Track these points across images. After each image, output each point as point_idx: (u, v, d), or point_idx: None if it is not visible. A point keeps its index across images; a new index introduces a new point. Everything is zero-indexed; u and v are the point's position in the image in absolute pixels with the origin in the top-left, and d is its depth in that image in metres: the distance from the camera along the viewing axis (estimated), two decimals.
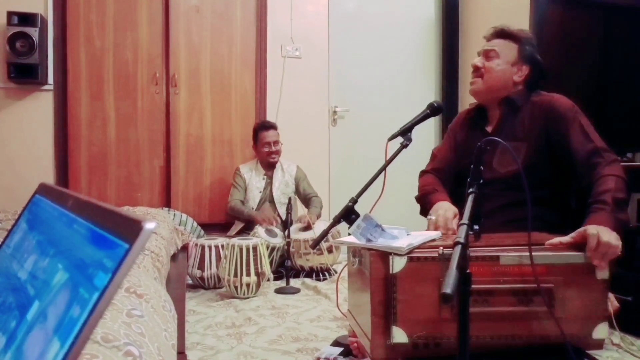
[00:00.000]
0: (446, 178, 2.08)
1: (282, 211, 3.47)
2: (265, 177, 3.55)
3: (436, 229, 1.78)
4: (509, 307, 1.41)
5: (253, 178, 3.52)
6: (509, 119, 1.92)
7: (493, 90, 1.95)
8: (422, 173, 2.17)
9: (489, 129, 1.98)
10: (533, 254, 1.37)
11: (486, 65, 1.94)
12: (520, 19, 2.98)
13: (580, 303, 1.44)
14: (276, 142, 3.49)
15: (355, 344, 1.66)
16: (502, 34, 1.97)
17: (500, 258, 1.42)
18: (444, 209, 1.83)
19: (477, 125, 2.04)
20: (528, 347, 1.44)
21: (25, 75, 3.21)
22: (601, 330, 1.45)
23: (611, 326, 1.78)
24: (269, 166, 3.55)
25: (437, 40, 4.32)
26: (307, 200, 3.56)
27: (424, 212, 2.05)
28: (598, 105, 2.47)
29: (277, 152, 3.51)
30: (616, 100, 2.41)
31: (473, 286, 1.20)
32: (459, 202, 1.94)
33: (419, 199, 2.10)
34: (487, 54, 1.96)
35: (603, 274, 1.44)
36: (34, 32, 3.14)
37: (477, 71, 1.96)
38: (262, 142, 3.47)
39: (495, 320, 1.41)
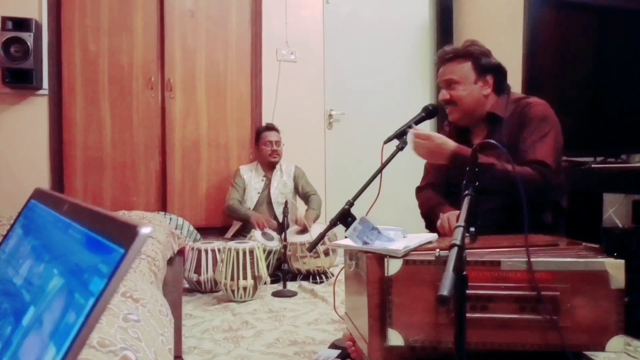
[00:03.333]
0: (442, 191, 2.08)
1: (279, 212, 3.47)
2: (264, 178, 3.56)
3: (445, 229, 1.79)
4: (510, 314, 1.35)
5: (253, 179, 3.53)
6: (494, 133, 1.92)
7: (470, 113, 1.95)
8: (419, 189, 2.16)
9: (475, 142, 1.98)
10: (538, 259, 1.34)
11: (452, 94, 1.93)
12: (514, 23, 3.00)
13: (591, 313, 1.34)
14: (277, 143, 3.53)
15: (353, 347, 1.66)
16: (451, 58, 1.94)
17: (501, 263, 1.37)
18: (455, 214, 1.84)
19: (462, 138, 2.04)
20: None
21: (20, 80, 3.20)
22: (616, 344, 1.34)
23: None
24: (270, 167, 3.56)
25: (432, 43, 4.34)
26: (306, 199, 3.57)
27: (431, 225, 2.05)
28: (592, 107, 2.48)
29: (278, 152, 3.53)
30: (610, 102, 2.43)
31: (472, 292, 1.20)
32: None
33: (424, 214, 2.10)
34: (448, 84, 1.95)
35: (618, 282, 1.34)
36: (28, 37, 3.14)
37: (449, 103, 1.96)
38: (264, 140, 3.51)
39: (495, 328, 1.36)
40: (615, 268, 1.34)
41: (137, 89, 3.54)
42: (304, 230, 3.26)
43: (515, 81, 2.16)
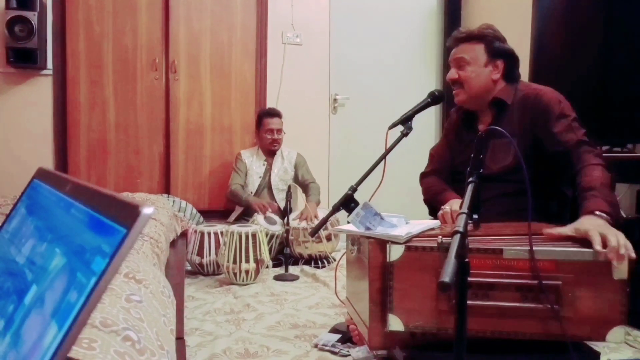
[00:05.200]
0: (446, 178, 2.06)
1: (280, 198, 3.48)
2: (265, 163, 3.55)
3: (445, 219, 1.78)
4: (512, 302, 1.35)
5: (254, 163, 3.53)
6: (500, 119, 1.91)
7: (477, 96, 1.92)
8: (423, 175, 2.15)
9: (480, 127, 1.97)
10: (541, 248, 1.34)
11: (461, 75, 1.91)
12: (523, 10, 2.97)
13: (593, 303, 1.34)
14: (279, 131, 3.50)
15: (356, 331, 1.67)
16: (464, 38, 1.92)
17: (504, 251, 1.36)
18: (458, 203, 1.82)
19: (468, 125, 2.03)
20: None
21: (24, 59, 3.18)
22: (616, 334, 1.34)
23: None
24: (270, 153, 3.56)
25: (439, 28, 4.29)
26: (304, 187, 3.57)
27: (434, 212, 2.05)
28: (599, 96, 2.46)
29: (278, 141, 3.51)
30: (616, 92, 2.40)
31: (474, 279, 1.19)
32: None
33: (427, 201, 2.09)
34: (458, 64, 1.92)
35: (621, 273, 1.33)
36: (32, 17, 3.12)
37: (455, 83, 1.94)
38: (265, 128, 3.48)
39: (496, 316, 1.36)
40: None
41: (141, 70, 3.53)
42: (307, 220, 3.25)
43: (522, 68, 2.13)
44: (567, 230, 1.46)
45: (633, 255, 1.33)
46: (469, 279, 1.06)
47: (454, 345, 1.05)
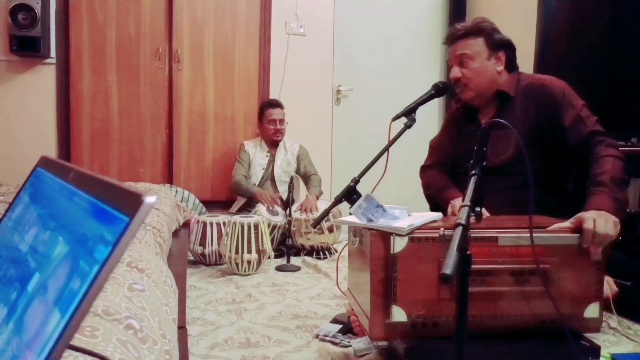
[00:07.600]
0: (447, 171, 2.05)
1: (283, 190, 3.48)
2: (268, 154, 3.55)
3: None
4: (506, 287, 1.43)
5: (257, 155, 3.53)
6: (503, 111, 1.89)
7: (484, 90, 1.91)
8: (424, 168, 2.14)
9: (483, 121, 1.95)
10: (534, 235, 1.37)
11: (465, 72, 1.89)
12: (529, 2, 2.94)
13: (574, 284, 1.46)
14: (282, 121, 3.49)
15: (357, 322, 1.68)
16: (463, 35, 1.90)
17: (499, 239, 1.43)
18: None
19: (470, 118, 2.01)
20: (526, 329, 1.45)
21: (28, 48, 3.17)
22: (592, 310, 1.47)
23: (609, 310, 1.79)
24: (273, 144, 3.55)
25: (444, 19, 4.26)
26: (306, 178, 3.57)
27: (436, 208, 2.03)
28: (605, 89, 2.45)
29: (281, 132, 3.51)
30: (623, 85, 2.39)
31: (473, 267, 1.20)
32: None
33: (428, 196, 2.08)
34: (460, 61, 1.90)
35: (597, 255, 1.46)
36: (36, 5, 3.10)
37: (459, 82, 1.91)
38: (268, 119, 3.47)
39: (492, 299, 1.43)
40: None
41: (144, 59, 3.51)
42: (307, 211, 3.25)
43: (527, 62, 2.12)
44: (567, 225, 1.48)
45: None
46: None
47: (454, 336, 1.06)
